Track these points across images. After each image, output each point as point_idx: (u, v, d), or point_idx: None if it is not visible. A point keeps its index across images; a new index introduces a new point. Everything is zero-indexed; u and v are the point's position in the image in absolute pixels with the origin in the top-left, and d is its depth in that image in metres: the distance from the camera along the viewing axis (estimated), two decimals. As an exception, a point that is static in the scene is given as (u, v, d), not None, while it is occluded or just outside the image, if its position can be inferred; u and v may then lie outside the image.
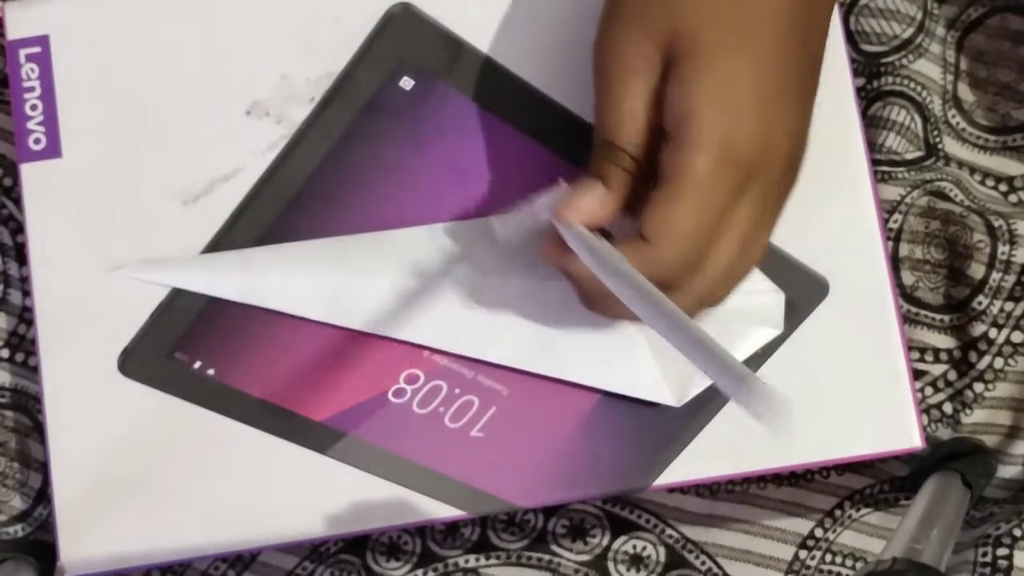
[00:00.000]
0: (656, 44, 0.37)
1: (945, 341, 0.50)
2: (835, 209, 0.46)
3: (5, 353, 0.50)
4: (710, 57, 0.36)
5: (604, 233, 0.39)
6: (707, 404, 0.45)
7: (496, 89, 0.45)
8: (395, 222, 0.45)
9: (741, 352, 0.45)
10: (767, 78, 0.36)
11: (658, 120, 0.37)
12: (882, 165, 0.50)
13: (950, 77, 0.51)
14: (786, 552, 0.51)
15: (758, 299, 0.45)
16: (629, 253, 0.37)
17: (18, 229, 0.50)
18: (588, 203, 0.38)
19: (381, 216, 0.45)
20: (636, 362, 0.44)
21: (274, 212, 0.45)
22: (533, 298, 0.44)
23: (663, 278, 0.37)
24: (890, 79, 0.50)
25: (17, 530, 0.50)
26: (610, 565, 0.51)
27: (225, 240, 0.45)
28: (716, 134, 0.35)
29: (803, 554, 0.51)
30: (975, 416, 0.50)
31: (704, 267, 0.37)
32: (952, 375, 0.50)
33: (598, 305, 0.40)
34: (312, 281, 0.44)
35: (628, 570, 0.51)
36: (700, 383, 0.45)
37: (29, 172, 0.46)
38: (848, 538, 0.51)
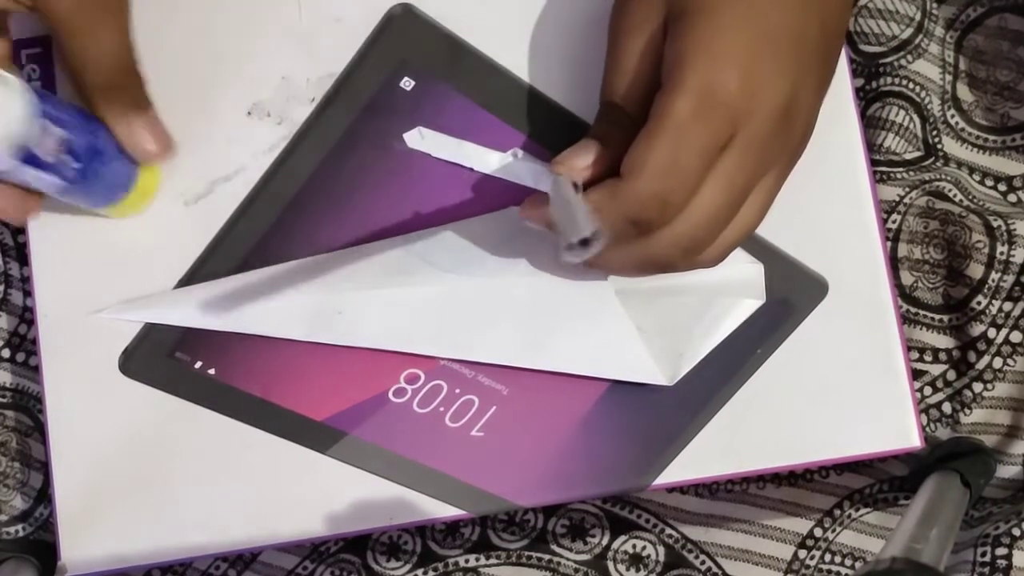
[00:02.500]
0: (657, 4, 0.38)
1: (944, 341, 0.50)
2: (834, 209, 0.46)
3: (6, 353, 0.51)
4: (704, 12, 0.37)
5: None
6: (707, 404, 0.45)
7: (496, 90, 0.45)
8: (395, 223, 0.45)
9: (728, 325, 0.45)
10: (758, 33, 0.37)
11: (657, 79, 0.38)
12: (881, 165, 0.50)
13: (949, 77, 0.51)
14: (785, 552, 0.51)
15: (738, 271, 0.45)
16: (604, 191, 0.38)
17: (19, 229, 0.51)
18: (581, 160, 0.39)
19: (381, 217, 0.45)
20: (626, 346, 0.44)
21: (275, 213, 0.45)
22: (518, 295, 0.44)
23: (638, 216, 0.37)
24: (889, 79, 0.50)
25: (18, 530, 0.51)
26: (610, 565, 0.51)
27: (226, 241, 0.45)
28: (698, 78, 0.36)
29: (802, 554, 0.51)
30: (974, 416, 0.50)
31: (685, 211, 0.38)
32: (951, 375, 0.50)
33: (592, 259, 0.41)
34: (294, 303, 0.44)
35: (628, 570, 0.51)
36: (690, 362, 0.45)
37: (30, 172, 0.46)
38: (847, 538, 0.52)
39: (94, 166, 0.41)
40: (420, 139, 0.44)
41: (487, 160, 0.43)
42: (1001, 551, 0.46)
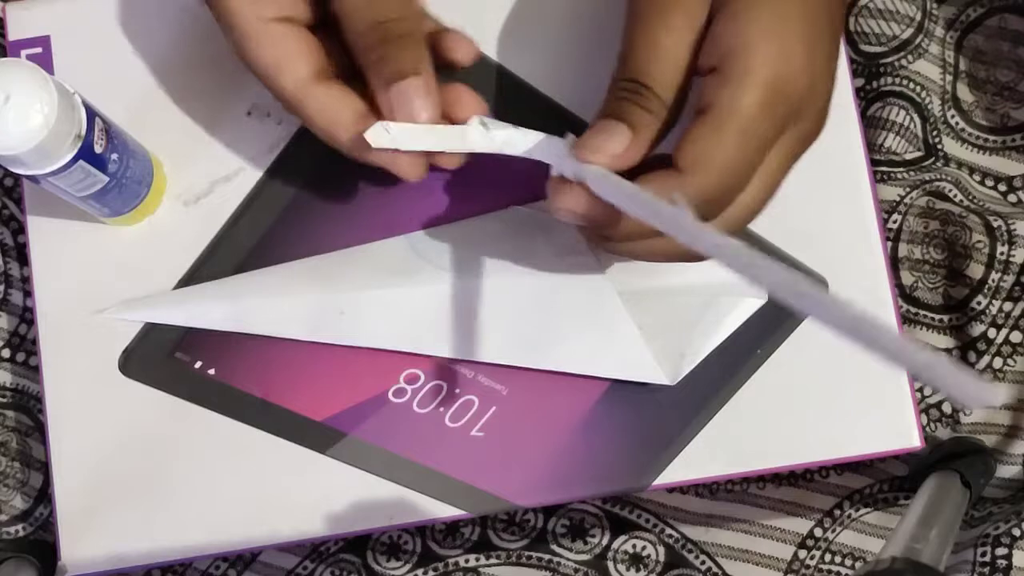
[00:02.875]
0: None
1: (944, 341, 0.50)
2: (834, 209, 0.46)
3: (6, 353, 0.51)
4: None
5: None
6: (707, 404, 0.45)
7: (495, 89, 0.45)
8: (395, 223, 0.45)
9: (730, 324, 0.45)
10: (816, 22, 0.35)
11: (694, 64, 0.36)
12: (881, 165, 0.50)
13: (949, 77, 0.51)
14: (785, 552, 0.51)
15: None
16: (661, 182, 0.35)
17: (19, 229, 0.51)
18: (613, 146, 0.36)
19: (381, 217, 0.45)
20: (628, 346, 0.44)
21: (275, 213, 0.45)
22: (518, 295, 0.44)
23: (695, 211, 0.34)
24: (889, 79, 0.50)
25: (18, 529, 0.51)
26: (610, 565, 0.51)
27: (226, 241, 0.45)
28: (767, 68, 0.34)
29: (802, 554, 0.51)
30: (974, 416, 0.50)
31: (733, 203, 0.36)
32: (951, 375, 0.50)
33: (612, 245, 0.38)
34: (295, 303, 0.44)
35: (628, 570, 0.51)
36: (692, 361, 0.45)
37: (30, 172, 0.46)
38: (847, 538, 0.51)
39: (126, 159, 0.41)
40: (386, 134, 0.38)
41: (466, 138, 0.39)
42: (1001, 551, 0.46)
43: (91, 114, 0.39)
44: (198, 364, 0.45)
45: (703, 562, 0.51)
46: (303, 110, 0.38)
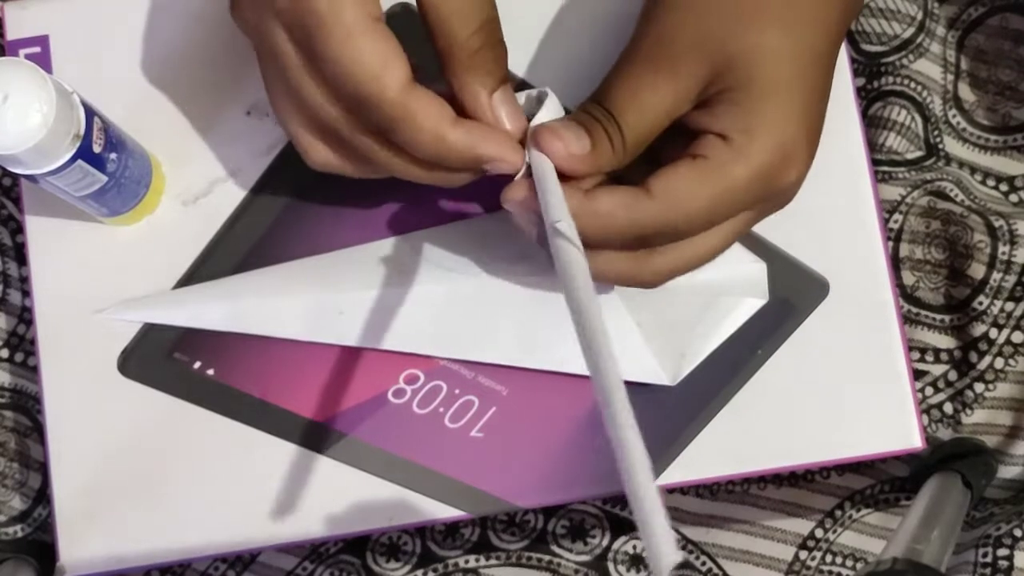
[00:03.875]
0: (707, 63, 0.36)
1: (945, 341, 0.50)
2: (836, 209, 0.46)
3: (5, 353, 0.50)
4: (774, 94, 0.36)
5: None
6: (707, 404, 0.45)
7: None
8: (395, 223, 0.45)
9: (731, 324, 0.45)
10: (815, 115, 0.37)
11: (665, 126, 0.37)
12: (882, 165, 0.50)
13: (950, 77, 0.51)
14: (786, 552, 0.51)
15: (741, 270, 0.45)
16: (628, 198, 0.36)
17: (18, 229, 0.50)
18: (572, 142, 0.36)
19: (381, 217, 0.45)
20: (627, 346, 0.44)
21: (275, 213, 0.45)
22: (518, 294, 0.44)
23: (642, 232, 0.37)
24: (891, 79, 0.50)
25: (17, 530, 0.50)
26: (610, 565, 0.51)
27: (226, 241, 0.45)
28: (764, 160, 0.36)
29: (803, 554, 0.51)
30: (975, 416, 0.50)
31: (683, 245, 0.38)
32: (952, 375, 0.50)
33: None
34: (294, 303, 0.44)
35: (628, 570, 0.51)
36: (692, 361, 0.45)
37: (29, 172, 0.46)
38: (848, 538, 0.51)
39: (124, 159, 0.41)
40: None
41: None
42: (1003, 552, 0.46)
43: (89, 113, 0.39)
44: (197, 364, 0.45)
45: (703, 563, 0.51)
46: (406, 111, 0.36)
